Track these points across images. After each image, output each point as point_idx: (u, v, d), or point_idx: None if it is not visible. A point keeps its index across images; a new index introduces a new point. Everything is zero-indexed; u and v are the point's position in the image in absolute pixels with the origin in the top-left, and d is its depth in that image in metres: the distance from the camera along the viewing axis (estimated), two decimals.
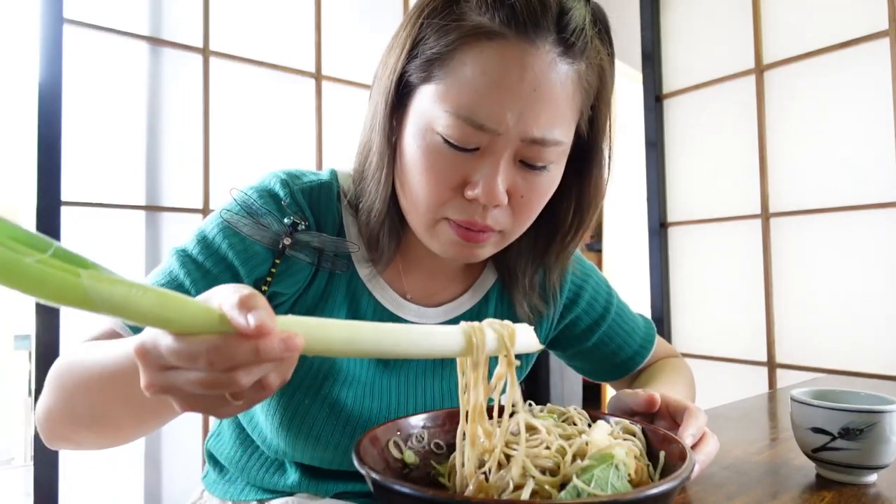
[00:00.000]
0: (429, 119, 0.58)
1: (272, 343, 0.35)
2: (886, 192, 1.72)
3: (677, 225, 2.26)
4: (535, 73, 0.55)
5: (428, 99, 0.58)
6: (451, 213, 0.60)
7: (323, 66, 1.94)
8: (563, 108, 0.58)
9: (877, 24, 1.74)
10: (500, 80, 0.55)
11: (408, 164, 0.60)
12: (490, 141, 0.56)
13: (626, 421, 0.54)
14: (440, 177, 0.58)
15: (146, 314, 0.33)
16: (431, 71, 0.58)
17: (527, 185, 0.60)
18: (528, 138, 0.56)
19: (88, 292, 0.31)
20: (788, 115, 1.94)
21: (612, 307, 0.86)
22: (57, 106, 1.44)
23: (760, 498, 0.58)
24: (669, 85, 2.30)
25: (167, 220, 1.71)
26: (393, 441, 0.52)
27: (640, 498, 0.37)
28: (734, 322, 2.08)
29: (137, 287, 0.33)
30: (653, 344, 0.89)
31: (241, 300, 0.35)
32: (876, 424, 0.59)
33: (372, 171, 0.64)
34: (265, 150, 1.84)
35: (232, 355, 0.34)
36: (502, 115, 0.55)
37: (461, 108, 0.55)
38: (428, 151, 0.58)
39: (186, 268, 0.62)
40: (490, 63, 0.55)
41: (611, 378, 0.91)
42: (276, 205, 0.64)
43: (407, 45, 0.60)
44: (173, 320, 0.34)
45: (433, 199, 0.59)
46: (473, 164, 0.58)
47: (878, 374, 1.68)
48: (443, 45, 0.57)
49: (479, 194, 0.57)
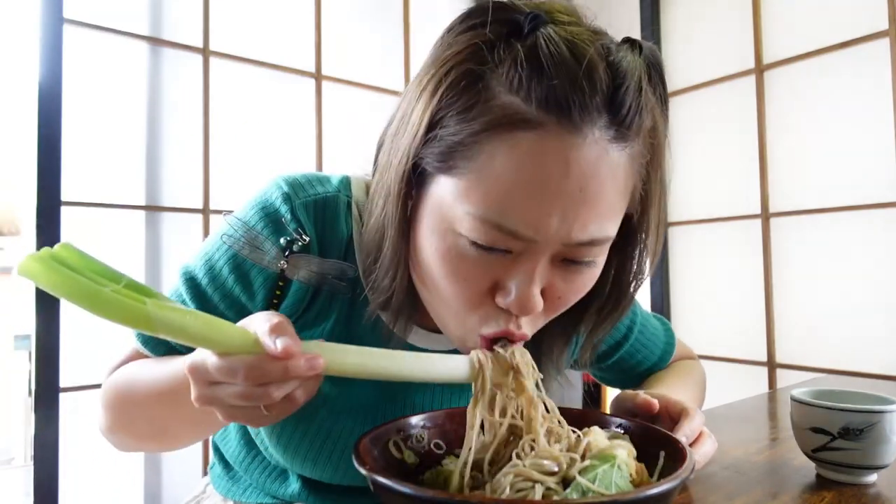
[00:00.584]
0: (449, 218, 0.49)
1: (299, 362, 0.41)
2: (886, 192, 1.72)
3: (677, 225, 2.26)
4: (583, 170, 0.45)
5: (448, 193, 0.49)
6: (483, 324, 0.52)
7: (323, 66, 1.94)
8: (614, 202, 0.48)
9: (877, 24, 1.74)
10: (538, 180, 0.45)
11: (427, 265, 0.52)
12: (525, 248, 0.48)
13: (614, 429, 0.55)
14: (466, 284, 0.50)
15: (195, 336, 0.40)
16: (452, 161, 0.48)
17: (566, 285, 0.52)
18: (573, 242, 0.48)
19: (151, 317, 0.39)
20: (788, 115, 1.94)
21: (636, 326, 0.83)
22: (57, 106, 1.44)
23: (760, 498, 0.58)
24: (669, 85, 2.28)
25: (167, 220, 1.71)
26: (393, 441, 0.52)
27: (641, 497, 0.37)
28: (734, 322, 2.08)
29: (190, 313, 0.40)
30: (672, 354, 0.89)
31: (271, 327, 0.42)
32: (876, 424, 0.59)
33: (386, 264, 0.56)
34: (265, 150, 1.84)
35: (266, 372, 0.41)
36: (540, 221, 0.46)
37: (489, 211, 0.46)
38: (449, 255, 0.49)
39: (195, 300, 0.62)
40: (525, 159, 0.45)
41: (628, 386, 0.90)
42: (275, 224, 0.60)
43: (422, 127, 0.50)
44: (217, 342, 0.41)
45: (459, 305, 0.52)
46: (505, 268, 0.49)
47: (878, 374, 1.68)
48: (466, 133, 0.47)
49: (512, 304, 0.49)
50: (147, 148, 1.70)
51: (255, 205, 0.62)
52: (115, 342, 0.66)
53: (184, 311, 0.40)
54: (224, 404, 0.44)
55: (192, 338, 0.40)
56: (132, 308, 0.38)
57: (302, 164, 1.88)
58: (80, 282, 0.38)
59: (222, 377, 0.42)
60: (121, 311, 0.38)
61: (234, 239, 0.60)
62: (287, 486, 0.70)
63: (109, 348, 0.71)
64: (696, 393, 0.83)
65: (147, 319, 0.38)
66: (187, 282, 0.63)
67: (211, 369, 0.42)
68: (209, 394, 0.44)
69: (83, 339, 1.53)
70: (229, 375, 0.42)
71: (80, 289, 0.37)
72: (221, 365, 0.42)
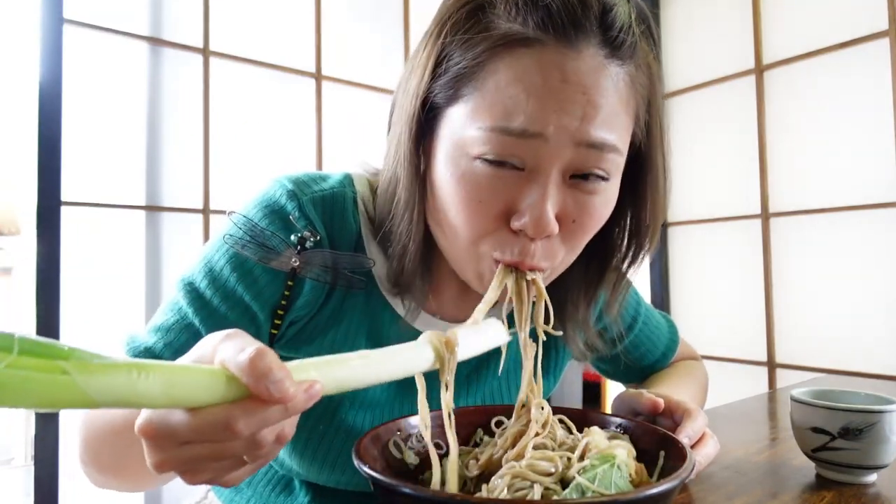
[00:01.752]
0: (461, 142, 0.50)
1: (298, 399, 0.33)
2: (886, 192, 1.72)
3: (677, 225, 2.26)
4: (581, 78, 0.47)
5: (458, 120, 0.51)
6: (497, 249, 0.52)
7: (323, 66, 1.94)
8: (619, 112, 0.50)
9: (877, 24, 1.74)
10: (541, 84, 0.47)
11: (441, 196, 0.53)
12: (536, 154, 0.48)
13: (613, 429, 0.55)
14: (481, 207, 0.50)
15: (155, 399, 0.30)
16: (459, 89, 0.50)
17: (580, 208, 0.51)
18: (583, 140, 0.48)
19: (86, 390, 0.27)
20: (788, 115, 1.94)
21: (641, 316, 0.84)
22: (57, 106, 1.44)
23: (760, 498, 0.58)
24: (669, 85, 2.30)
25: (167, 220, 1.71)
26: (393, 441, 0.52)
27: (641, 497, 0.37)
28: (734, 322, 2.08)
29: (137, 369, 0.29)
30: (675, 351, 0.89)
31: (251, 361, 0.32)
32: (876, 424, 0.59)
33: (401, 210, 0.57)
34: (265, 150, 1.84)
35: (263, 419, 0.33)
36: (547, 116, 0.47)
37: (497, 119, 0.48)
38: (464, 179, 0.50)
39: (195, 306, 0.57)
40: (527, 69, 0.47)
41: (630, 381, 0.90)
42: (283, 221, 0.58)
43: (429, 64, 0.52)
44: (185, 399, 0.31)
45: (474, 232, 0.52)
46: (518, 187, 0.50)
47: (878, 374, 1.68)
48: (470, 58, 0.49)
49: (527, 224, 0.49)
50: (147, 148, 1.70)
51: (260, 203, 0.60)
52: (116, 342, 0.64)
53: (127, 368, 0.29)
54: (196, 466, 0.35)
55: (152, 401, 0.30)
56: (50, 383, 0.26)
57: (302, 164, 1.88)
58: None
59: (199, 437, 0.33)
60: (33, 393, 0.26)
61: (239, 239, 0.58)
62: (293, 498, 0.69)
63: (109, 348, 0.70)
64: (698, 393, 0.83)
65: (81, 395, 0.27)
66: (187, 291, 0.58)
67: (181, 430, 0.33)
68: (175, 458, 0.34)
69: (83, 339, 1.53)
70: (210, 434, 0.33)
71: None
72: (198, 423, 0.33)
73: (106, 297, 1.61)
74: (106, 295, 1.61)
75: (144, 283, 1.68)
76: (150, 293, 1.68)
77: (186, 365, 0.33)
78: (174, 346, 0.57)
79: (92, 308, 1.58)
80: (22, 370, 0.25)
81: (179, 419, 0.33)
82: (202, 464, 0.35)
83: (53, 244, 1.43)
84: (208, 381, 0.32)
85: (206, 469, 0.36)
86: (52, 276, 1.42)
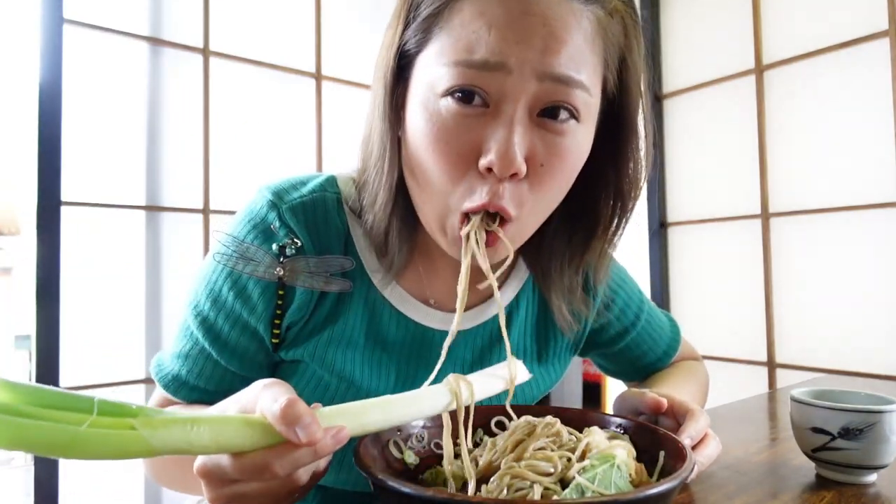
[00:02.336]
0: (430, 82, 0.51)
1: (326, 442, 0.39)
2: (886, 192, 1.72)
3: (677, 225, 2.26)
4: (543, 10, 0.48)
5: (428, 63, 0.52)
6: (466, 198, 0.51)
7: (323, 66, 1.94)
8: (583, 49, 0.50)
9: (877, 24, 1.74)
10: (502, 17, 0.48)
11: (413, 143, 0.53)
12: (500, 87, 0.48)
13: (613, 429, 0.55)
14: (448, 148, 0.50)
15: (206, 447, 0.37)
16: (427, 32, 0.52)
17: (548, 150, 0.51)
18: (546, 74, 0.48)
19: (150, 441, 0.34)
20: (788, 115, 1.94)
21: (643, 314, 0.83)
22: (57, 106, 1.44)
23: (760, 498, 0.58)
24: (669, 85, 2.30)
25: (167, 220, 1.71)
26: (393, 441, 0.52)
27: (641, 497, 0.37)
28: (734, 322, 2.08)
29: (191, 423, 0.36)
30: (677, 350, 0.89)
31: (283, 411, 0.38)
32: (876, 424, 0.59)
33: (374, 160, 0.58)
34: (265, 150, 1.84)
35: (294, 461, 0.39)
36: (509, 48, 0.47)
37: (459, 52, 0.49)
38: (432, 121, 0.51)
39: (203, 330, 0.61)
40: (489, 3, 0.48)
41: (630, 379, 0.91)
42: (265, 232, 0.60)
43: (402, 14, 0.54)
44: (231, 445, 0.38)
45: (444, 175, 0.51)
46: (484, 125, 0.50)
47: (878, 374, 1.68)
48: (437, 2, 0.51)
49: (493, 161, 0.48)
50: (147, 148, 1.70)
51: (243, 218, 0.62)
52: (116, 342, 0.65)
53: (182, 422, 0.36)
54: (247, 500, 0.41)
55: (204, 449, 0.37)
56: (123, 439, 0.33)
57: (302, 164, 1.88)
58: (43, 428, 0.30)
59: (245, 476, 0.39)
60: (110, 448, 0.32)
61: (227, 256, 0.60)
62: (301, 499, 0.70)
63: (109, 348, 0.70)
64: (699, 394, 0.83)
65: (147, 447, 0.34)
66: (195, 315, 0.61)
67: (229, 471, 0.39)
68: (229, 493, 0.41)
69: (83, 339, 1.53)
70: (252, 474, 0.39)
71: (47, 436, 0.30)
72: (242, 465, 0.39)
73: (106, 297, 1.61)
74: (106, 295, 1.61)
75: (144, 283, 1.68)
76: (150, 293, 1.68)
77: (230, 416, 0.39)
78: (195, 372, 0.62)
79: (92, 308, 1.58)
80: (101, 429, 0.32)
81: (227, 463, 0.39)
82: (250, 500, 0.41)
83: (53, 244, 1.43)
84: (248, 431, 0.38)
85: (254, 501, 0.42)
86: (52, 276, 1.42)
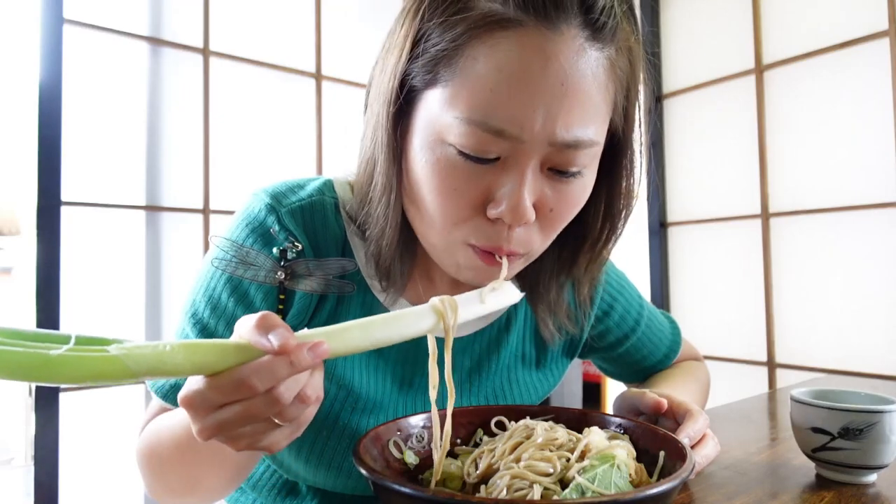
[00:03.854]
0: (438, 129, 0.50)
1: (302, 353, 0.38)
2: (886, 192, 1.72)
3: (677, 225, 2.26)
4: (562, 64, 0.46)
5: (435, 105, 0.50)
6: (472, 236, 0.52)
7: (323, 66, 1.94)
8: (597, 102, 0.50)
9: (877, 24, 1.74)
10: (520, 75, 0.46)
11: (418, 182, 0.53)
12: (512, 150, 0.48)
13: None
14: (456, 195, 0.50)
15: (180, 366, 0.37)
16: (437, 72, 0.49)
17: (557, 196, 0.52)
18: (558, 142, 0.48)
19: (126, 363, 0.35)
20: (788, 115, 1.94)
21: (643, 319, 0.83)
22: (57, 106, 1.44)
23: (760, 498, 0.58)
24: (669, 85, 2.30)
25: (167, 220, 1.71)
26: (393, 441, 0.52)
27: (641, 497, 0.37)
28: (734, 322, 2.08)
29: (163, 345, 0.36)
30: (678, 352, 0.89)
31: (257, 324, 0.39)
32: (876, 424, 0.59)
33: (378, 194, 0.57)
34: (265, 150, 1.84)
35: (271, 372, 0.38)
36: (525, 116, 0.47)
37: (475, 111, 0.47)
38: (439, 167, 0.50)
39: (199, 333, 0.60)
40: (506, 56, 0.46)
41: (631, 381, 0.90)
42: (264, 236, 0.59)
43: (407, 44, 0.51)
44: (205, 364, 0.38)
45: (450, 220, 0.52)
46: (494, 176, 0.50)
47: (878, 374, 1.68)
48: (448, 40, 0.48)
49: (504, 212, 0.49)
50: (147, 148, 1.70)
51: (241, 222, 0.61)
52: None
53: (154, 345, 0.36)
54: (233, 430, 0.40)
55: (178, 368, 0.36)
56: (99, 361, 0.34)
57: (302, 164, 1.88)
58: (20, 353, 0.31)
59: (223, 397, 0.38)
60: (89, 369, 0.33)
61: (226, 261, 0.58)
62: (300, 501, 0.69)
63: None
64: (699, 394, 0.83)
65: (122, 367, 0.34)
66: (193, 323, 0.60)
67: (208, 393, 0.38)
68: (212, 422, 0.39)
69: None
70: (231, 392, 0.38)
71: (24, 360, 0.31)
72: (220, 383, 0.38)
73: (106, 297, 1.61)
74: (106, 295, 1.61)
75: (144, 283, 1.68)
76: (150, 293, 1.68)
77: (204, 340, 0.38)
78: None
79: (92, 308, 1.58)
80: (77, 352, 0.33)
81: (205, 384, 0.38)
82: (235, 427, 0.39)
83: (53, 244, 1.43)
84: (222, 350, 0.38)
85: (241, 434, 0.40)
86: (52, 276, 1.42)
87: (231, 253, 0.59)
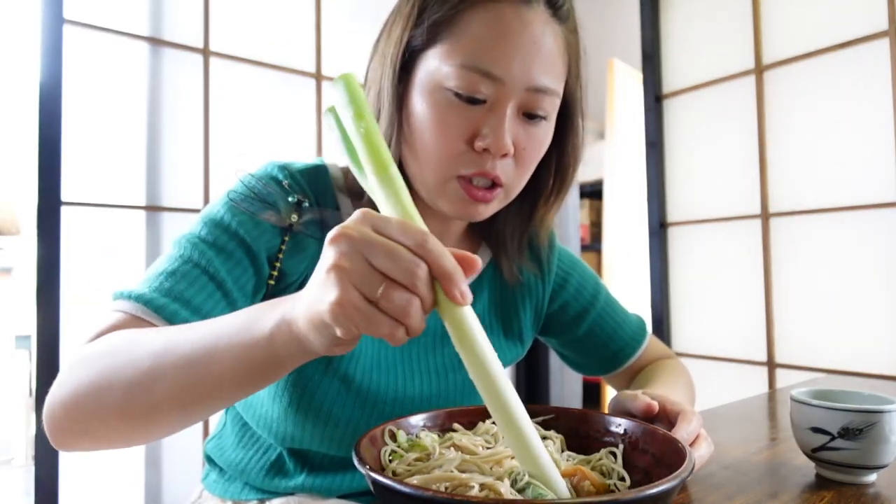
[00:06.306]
0: (437, 77, 0.62)
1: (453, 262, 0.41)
2: (886, 192, 1.72)
3: (677, 225, 2.26)
4: (534, 29, 0.62)
5: (435, 60, 0.62)
6: (463, 167, 0.63)
7: (323, 66, 1.94)
8: (557, 62, 0.64)
9: (877, 25, 1.74)
10: (505, 34, 0.60)
11: (417, 124, 0.63)
12: (496, 92, 0.61)
13: None
14: (450, 130, 0.62)
15: None
16: (437, 33, 0.62)
17: (528, 137, 0.64)
18: (532, 86, 0.62)
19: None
20: (788, 115, 1.94)
21: (601, 295, 0.89)
22: (57, 106, 1.44)
23: (760, 498, 0.58)
24: (669, 85, 2.30)
25: (167, 220, 1.71)
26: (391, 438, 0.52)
27: (641, 497, 0.37)
28: (734, 322, 2.08)
29: None
30: (644, 338, 0.91)
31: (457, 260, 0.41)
32: (875, 424, 0.59)
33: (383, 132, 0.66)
34: (265, 151, 1.84)
35: (434, 246, 0.40)
36: (508, 63, 0.60)
37: (469, 59, 0.60)
38: (437, 107, 0.62)
39: (200, 248, 0.62)
40: (494, 20, 0.61)
41: (603, 371, 0.92)
42: (279, 186, 0.67)
43: (412, 14, 0.64)
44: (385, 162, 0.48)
45: (445, 152, 0.62)
46: (481, 115, 0.62)
47: (878, 374, 1.68)
48: (447, 8, 0.62)
49: (489, 144, 0.61)
50: (147, 148, 1.70)
51: (256, 175, 0.68)
52: None
53: None
54: (361, 271, 0.38)
55: None
56: None
57: None
58: None
59: (397, 233, 0.39)
60: None
61: (243, 195, 0.66)
62: (287, 480, 0.71)
63: None
64: (688, 394, 0.83)
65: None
66: (192, 245, 0.62)
67: (392, 220, 0.40)
68: (353, 250, 0.39)
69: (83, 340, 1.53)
70: (400, 231, 0.40)
71: None
72: (406, 225, 0.40)
73: (106, 297, 1.61)
74: (106, 295, 1.61)
75: None
76: None
77: None
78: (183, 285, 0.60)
79: (92, 308, 1.58)
80: None
81: (383, 218, 0.41)
82: (376, 264, 0.38)
83: (53, 244, 1.43)
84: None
85: (387, 306, 0.38)
86: (52, 276, 1.42)
87: (249, 188, 0.66)
